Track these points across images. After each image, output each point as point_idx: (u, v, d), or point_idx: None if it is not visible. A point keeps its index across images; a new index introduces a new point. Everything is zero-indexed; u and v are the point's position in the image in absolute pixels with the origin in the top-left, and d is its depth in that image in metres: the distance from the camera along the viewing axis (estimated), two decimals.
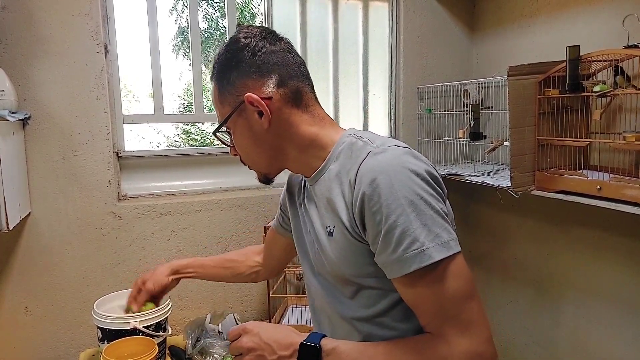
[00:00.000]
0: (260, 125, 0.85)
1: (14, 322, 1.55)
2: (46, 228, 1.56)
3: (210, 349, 1.48)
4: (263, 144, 0.88)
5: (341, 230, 0.81)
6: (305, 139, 0.88)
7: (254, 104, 0.84)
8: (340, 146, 0.86)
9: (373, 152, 0.77)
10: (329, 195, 0.84)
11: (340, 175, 0.83)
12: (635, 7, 1.40)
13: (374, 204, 0.73)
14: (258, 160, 0.92)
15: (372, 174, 0.74)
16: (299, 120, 0.87)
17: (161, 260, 1.72)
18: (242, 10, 8.00)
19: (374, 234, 0.75)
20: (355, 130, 0.89)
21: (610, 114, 1.50)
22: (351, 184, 0.78)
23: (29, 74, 1.49)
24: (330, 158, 0.86)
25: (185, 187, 1.82)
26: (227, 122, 0.88)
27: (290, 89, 0.87)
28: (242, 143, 0.90)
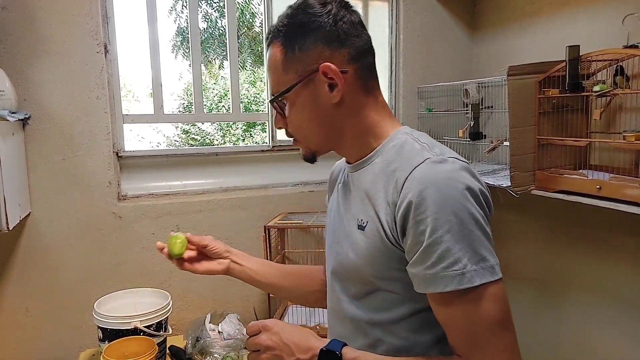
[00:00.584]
0: (329, 100, 0.79)
1: (14, 322, 1.55)
2: (46, 228, 1.56)
3: (210, 349, 1.48)
4: (324, 120, 0.82)
5: (376, 228, 0.77)
6: (365, 124, 0.83)
7: (329, 75, 0.78)
8: (392, 142, 0.81)
9: (431, 159, 0.72)
10: (369, 189, 0.80)
11: (387, 172, 0.78)
12: (635, 7, 1.40)
13: (420, 214, 0.69)
14: (312, 137, 0.85)
15: (424, 183, 0.69)
16: (365, 102, 0.83)
17: (161, 260, 1.72)
18: (242, 10, 8.00)
19: (413, 244, 0.71)
20: (410, 129, 0.85)
21: (610, 113, 1.50)
22: (398, 185, 0.73)
23: (29, 74, 1.49)
24: (379, 150, 0.82)
25: (185, 187, 1.82)
26: (291, 92, 0.81)
27: (363, 66, 0.82)
28: (300, 116, 0.83)
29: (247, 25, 8.30)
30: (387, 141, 0.82)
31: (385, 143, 0.82)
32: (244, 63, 8.07)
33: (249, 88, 7.95)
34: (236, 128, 7.91)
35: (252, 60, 8.28)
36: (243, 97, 7.40)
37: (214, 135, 8.04)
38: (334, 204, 0.95)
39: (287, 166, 2.01)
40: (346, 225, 0.85)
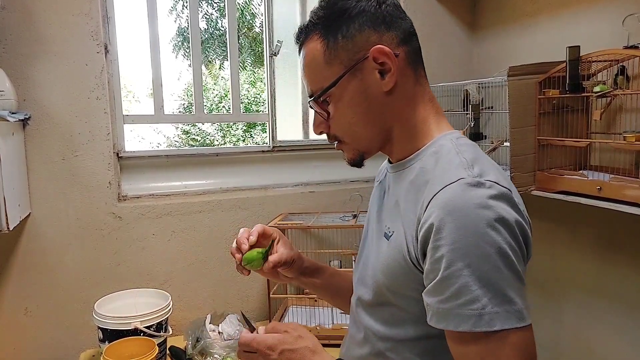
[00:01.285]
0: (380, 88, 0.73)
1: (14, 322, 1.55)
2: (46, 229, 1.56)
3: (210, 349, 1.48)
4: (375, 113, 0.75)
5: (400, 241, 0.70)
6: (413, 119, 0.76)
7: (379, 60, 0.71)
8: (433, 147, 0.74)
9: (465, 181, 0.63)
10: (401, 197, 0.74)
11: (420, 183, 0.71)
12: (635, 7, 1.40)
13: (439, 240, 0.62)
14: (363, 135, 0.77)
15: (449, 207, 0.61)
16: (414, 92, 0.76)
17: (162, 260, 1.72)
18: (242, 10, 8.00)
19: (429, 270, 0.64)
20: (458, 135, 0.76)
21: (610, 114, 1.50)
22: (425, 201, 0.66)
23: (28, 74, 1.49)
24: (419, 154, 0.75)
25: (185, 187, 1.82)
26: (336, 85, 0.73)
27: (412, 50, 0.75)
28: (349, 112, 0.75)
29: (247, 25, 8.30)
30: (430, 145, 0.75)
31: (427, 147, 0.75)
32: (244, 63, 8.07)
33: (249, 88, 7.95)
34: (236, 128, 7.91)
35: (252, 61, 8.28)
36: (243, 98, 7.40)
37: (214, 135, 8.05)
38: (372, 199, 0.90)
39: (288, 167, 2.01)
40: (375, 229, 0.80)
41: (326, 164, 2.06)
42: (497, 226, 0.61)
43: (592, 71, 1.44)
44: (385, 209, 0.79)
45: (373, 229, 0.81)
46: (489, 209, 0.61)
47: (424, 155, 0.74)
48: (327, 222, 1.75)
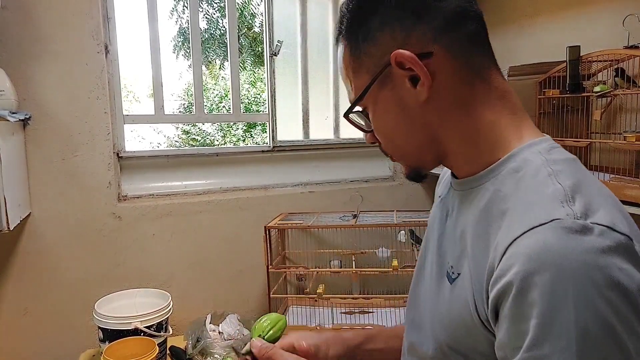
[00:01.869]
0: (415, 98, 0.57)
1: (14, 323, 1.55)
2: (46, 228, 1.56)
3: (210, 349, 1.48)
4: (414, 126, 0.60)
5: (466, 291, 0.54)
6: (473, 126, 0.58)
7: (406, 66, 0.56)
8: (513, 162, 0.55)
9: (562, 223, 0.44)
10: (466, 229, 0.57)
11: (495, 212, 0.52)
12: (635, 7, 1.40)
13: (522, 306, 0.44)
14: (405, 149, 0.63)
15: (539, 263, 0.43)
16: (469, 92, 0.57)
17: (162, 260, 1.72)
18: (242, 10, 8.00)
19: (506, 342, 0.47)
20: (550, 146, 0.55)
21: (610, 114, 1.50)
22: (498, 245, 0.48)
23: (29, 74, 1.49)
24: (493, 171, 0.56)
25: (185, 187, 1.82)
26: (364, 97, 0.60)
27: (458, 39, 0.56)
28: (384, 126, 0.62)
29: (247, 25, 8.31)
30: (507, 159, 0.55)
31: (504, 161, 0.56)
32: (244, 63, 8.07)
33: (250, 88, 7.95)
34: (236, 129, 7.92)
35: (252, 61, 8.28)
36: (243, 98, 7.40)
37: (215, 135, 8.05)
38: (432, 218, 0.71)
39: (288, 167, 2.01)
40: (436, 261, 0.63)
41: (326, 164, 2.06)
42: (611, 297, 0.42)
43: (592, 71, 1.44)
44: (447, 238, 0.62)
45: (433, 260, 0.64)
46: (599, 270, 0.42)
47: (499, 172, 0.55)
48: (327, 222, 1.75)
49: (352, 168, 2.10)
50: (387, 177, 2.15)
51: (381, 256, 1.72)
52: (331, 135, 2.10)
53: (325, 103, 2.08)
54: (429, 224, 0.72)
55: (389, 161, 2.18)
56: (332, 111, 2.10)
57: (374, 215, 1.82)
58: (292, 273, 1.87)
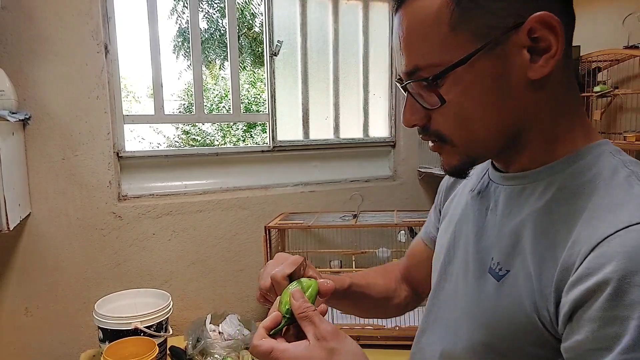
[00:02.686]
0: (525, 74, 0.50)
1: (14, 322, 1.55)
2: (46, 228, 1.56)
3: (210, 350, 1.48)
4: (510, 108, 0.52)
5: (521, 289, 0.51)
6: (560, 120, 0.54)
7: (535, 34, 0.49)
8: (580, 159, 0.53)
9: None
10: (523, 226, 0.54)
11: (560, 212, 0.50)
12: (635, 7, 1.40)
13: (617, 306, 0.42)
14: (482, 134, 0.54)
15: (637, 263, 0.42)
16: (566, 78, 0.53)
17: (162, 260, 1.72)
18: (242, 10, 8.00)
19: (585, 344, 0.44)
20: (617, 148, 0.55)
21: (610, 114, 1.50)
22: (581, 244, 0.46)
23: (29, 74, 1.49)
24: (554, 167, 0.54)
25: (185, 187, 1.82)
26: (467, 62, 0.50)
27: (571, 19, 0.53)
28: (469, 103, 0.52)
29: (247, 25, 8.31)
30: (574, 157, 0.53)
31: (569, 158, 0.53)
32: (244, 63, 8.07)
33: (249, 89, 7.95)
34: (236, 129, 7.92)
35: (252, 61, 8.28)
36: (243, 98, 7.40)
37: (215, 135, 8.05)
38: (458, 213, 0.67)
39: (288, 166, 2.01)
40: (472, 257, 0.60)
41: (326, 164, 2.06)
42: None
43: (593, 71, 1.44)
44: (490, 234, 0.58)
45: (467, 256, 0.61)
46: None
47: (562, 169, 0.53)
48: (327, 222, 1.75)
49: (352, 168, 2.10)
50: (387, 177, 2.15)
51: (381, 256, 1.72)
52: (331, 135, 2.10)
53: (325, 103, 2.08)
54: (458, 217, 0.66)
55: (389, 161, 2.18)
56: (331, 110, 2.10)
57: (374, 215, 1.82)
58: None
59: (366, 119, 2.16)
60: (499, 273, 0.54)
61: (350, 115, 2.13)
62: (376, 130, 2.17)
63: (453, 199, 0.72)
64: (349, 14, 2.07)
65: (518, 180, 0.57)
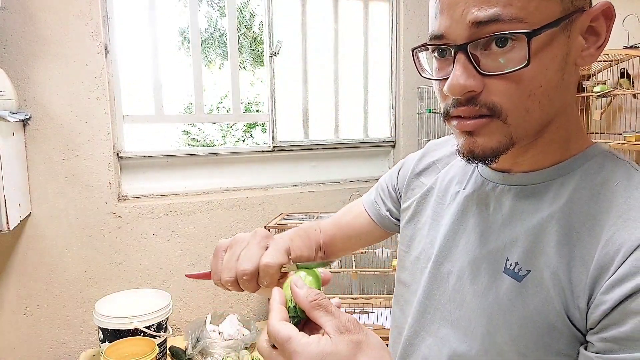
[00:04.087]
0: (576, 59, 0.50)
1: (15, 322, 1.55)
2: (46, 228, 1.56)
3: (210, 350, 1.48)
4: (561, 89, 0.51)
5: (549, 289, 0.51)
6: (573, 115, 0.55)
7: (594, 21, 0.50)
8: (590, 162, 0.54)
9: None
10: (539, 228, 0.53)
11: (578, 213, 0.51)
12: (635, 7, 1.40)
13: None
14: (537, 112, 0.51)
15: None
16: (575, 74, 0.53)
17: (162, 260, 1.72)
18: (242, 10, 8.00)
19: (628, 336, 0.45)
20: (611, 148, 0.57)
21: (610, 114, 1.50)
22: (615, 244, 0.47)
23: (29, 75, 1.49)
24: (563, 168, 0.54)
25: (185, 187, 1.82)
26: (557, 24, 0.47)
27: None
28: (540, 74, 0.48)
29: (247, 25, 8.30)
30: (581, 157, 0.54)
31: (578, 159, 0.54)
32: (244, 63, 8.07)
33: (249, 89, 7.95)
34: (236, 129, 7.92)
35: (252, 61, 8.28)
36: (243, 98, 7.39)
37: (214, 135, 8.05)
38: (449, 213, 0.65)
39: (288, 167, 2.01)
40: (480, 255, 0.58)
41: (326, 164, 2.06)
42: None
43: (592, 71, 1.44)
44: (499, 235, 0.57)
45: (473, 256, 0.59)
46: None
47: (573, 168, 0.54)
48: None
49: (352, 168, 2.10)
50: None
51: (381, 256, 1.72)
52: (331, 135, 2.10)
53: (325, 103, 2.08)
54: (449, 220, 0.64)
55: (389, 161, 2.18)
56: (332, 110, 2.10)
57: None
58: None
59: (366, 119, 2.16)
60: (519, 273, 0.53)
61: (350, 115, 2.13)
62: (376, 130, 2.17)
63: (428, 195, 0.69)
64: (348, 13, 2.07)
65: (527, 179, 0.56)
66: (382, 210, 0.78)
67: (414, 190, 0.71)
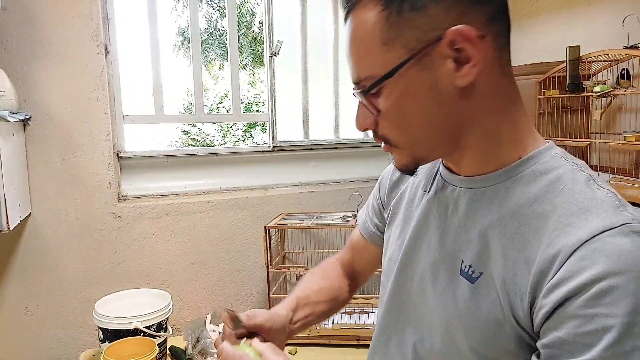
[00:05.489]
0: (453, 82, 0.53)
1: (14, 322, 1.55)
2: (46, 228, 1.56)
3: (210, 350, 1.48)
4: (444, 113, 0.55)
5: (496, 289, 0.54)
6: (500, 123, 0.57)
7: (456, 46, 0.52)
8: (537, 163, 0.56)
9: (632, 227, 0.47)
10: (489, 229, 0.56)
11: (528, 213, 0.53)
12: (635, 7, 1.40)
13: (599, 305, 0.45)
14: (422, 139, 0.58)
15: (618, 266, 0.45)
16: (499, 86, 0.56)
17: (161, 260, 1.72)
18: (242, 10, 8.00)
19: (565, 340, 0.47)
20: (563, 151, 0.58)
21: (610, 114, 1.50)
22: (555, 247, 0.49)
23: (29, 75, 1.49)
24: (511, 170, 0.57)
25: (185, 187, 1.82)
26: (395, 75, 0.54)
27: (501, 31, 0.55)
28: (405, 108, 0.56)
29: (247, 25, 8.31)
30: (527, 160, 0.56)
31: (524, 163, 0.56)
32: (244, 63, 8.07)
33: (249, 89, 7.95)
34: (236, 129, 7.92)
35: (252, 61, 8.28)
36: (243, 98, 7.40)
37: (215, 135, 8.05)
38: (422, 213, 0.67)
39: (287, 167, 2.01)
40: (439, 257, 0.62)
41: (326, 164, 2.06)
42: None
43: (592, 71, 1.44)
44: (456, 237, 0.60)
45: (434, 257, 0.62)
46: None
47: (518, 173, 0.56)
48: (326, 222, 1.75)
49: (352, 168, 2.10)
50: None
51: None
52: (331, 135, 2.10)
53: (325, 103, 2.08)
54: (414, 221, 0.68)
55: (388, 161, 2.18)
56: (331, 110, 2.10)
57: None
58: (292, 273, 1.87)
59: None
60: (472, 275, 0.56)
61: (350, 115, 2.13)
62: None
63: (401, 199, 0.74)
64: None
65: (479, 182, 0.59)
66: (371, 228, 0.83)
67: (393, 197, 0.76)
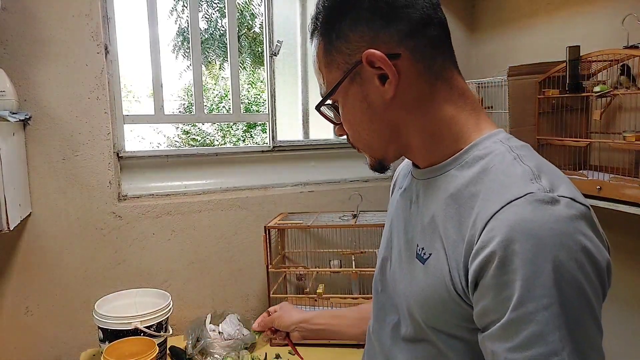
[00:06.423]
0: (381, 95, 0.63)
1: (15, 322, 1.55)
2: (47, 228, 1.56)
3: (210, 349, 1.48)
4: (381, 121, 0.66)
5: (441, 268, 0.59)
6: (435, 120, 0.64)
7: (376, 65, 0.61)
8: (476, 150, 0.62)
9: (536, 196, 0.51)
10: (437, 213, 0.62)
11: (464, 196, 0.59)
12: (635, 7, 1.40)
13: (506, 274, 0.50)
14: (371, 142, 0.69)
15: (519, 232, 0.49)
16: (431, 91, 0.64)
17: (162, 260, 1.72)
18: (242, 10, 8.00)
19: (490, 309, 0.52)
20: (507, 136, 0.64)
21: (610, 113, 1.50)
22: (478, 220, 0.54)
23: (29, 75, 1.49)
24: (456, 159, 0.63)
25: (185, 187, 1.82)
26: (336, 92, 0.66)
27: (422, 44, 0.62)
28: (352, 119, 0.68)
29: (247, 25, 8.30)
30: (469, 148, 0.63)
31: (466, 151, 0.63)
32: (244, 63, 8.07)
33: (249, 89, 7.95)
34: (236, 129, 7.92)
35: (252, 61, 8.28)
36: (243, 98, 7.40)
37: (215, 135, 8.05)
38: (392, 211, 0.78)
39: (287, 166, 2.01)
40: (404, 247, 0.69)
41: (326, 164, 2.07)
42: (581, 259, 0.49)
43: (592, 71, 1.44)
44: (414, 224, 0.67)
45: (400, 246, 0.70)
46: (572, 237, 0.49)
47: (463, 160, 0.62)
48: (326, 221, 1.75)
49: (352, 168, 2.10)
50: (387, 177, 2.14)
51: None
52: (331, 135, 2.10)
53: None
54: (392, 215, 0.78)
55: None
56: None
57: (373, 215, 1.82)
58: (292, 273, 1.87)
59: None
60: (424, 257, 0.63)
61: None
62: None
63: (392, 199, 0.82)
64: None
65: (430, 173, 0.66)
66: None
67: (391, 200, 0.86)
